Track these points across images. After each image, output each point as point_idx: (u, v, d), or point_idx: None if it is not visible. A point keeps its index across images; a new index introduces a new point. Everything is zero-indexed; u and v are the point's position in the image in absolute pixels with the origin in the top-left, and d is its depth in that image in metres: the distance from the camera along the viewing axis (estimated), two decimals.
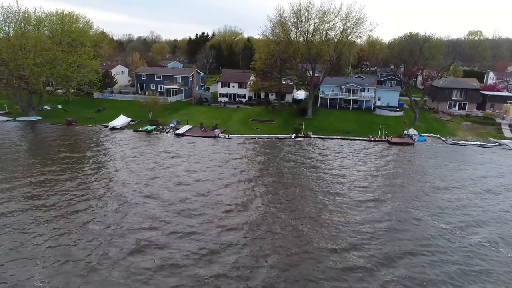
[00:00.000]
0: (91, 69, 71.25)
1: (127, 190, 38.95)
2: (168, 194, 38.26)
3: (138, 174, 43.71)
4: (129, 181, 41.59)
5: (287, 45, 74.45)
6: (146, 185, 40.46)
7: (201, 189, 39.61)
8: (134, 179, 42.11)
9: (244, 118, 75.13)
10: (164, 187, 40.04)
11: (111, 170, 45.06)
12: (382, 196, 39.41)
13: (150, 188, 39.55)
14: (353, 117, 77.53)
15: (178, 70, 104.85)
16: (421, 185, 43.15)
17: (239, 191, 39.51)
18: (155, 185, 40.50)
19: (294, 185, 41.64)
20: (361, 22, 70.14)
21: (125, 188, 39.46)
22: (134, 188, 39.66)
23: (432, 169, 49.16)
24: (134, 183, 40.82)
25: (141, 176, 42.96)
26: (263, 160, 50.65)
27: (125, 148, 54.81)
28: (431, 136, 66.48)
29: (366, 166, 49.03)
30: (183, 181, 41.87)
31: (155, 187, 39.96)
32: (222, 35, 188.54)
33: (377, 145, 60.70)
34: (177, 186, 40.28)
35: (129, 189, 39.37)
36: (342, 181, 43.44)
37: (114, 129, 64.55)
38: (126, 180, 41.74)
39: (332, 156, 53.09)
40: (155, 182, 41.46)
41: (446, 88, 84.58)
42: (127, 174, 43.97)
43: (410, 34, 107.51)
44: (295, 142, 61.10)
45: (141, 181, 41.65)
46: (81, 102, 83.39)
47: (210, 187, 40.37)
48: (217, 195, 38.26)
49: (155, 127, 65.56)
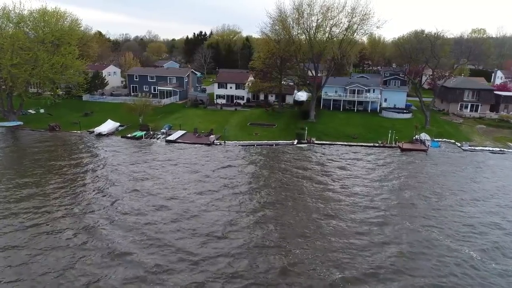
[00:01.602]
0: (76, 70, 65.83)
1: (102, 209, 33.83)
2: (140, 214, 33.18)
3: (114, 190, 38.57)
4: (103, 200, 36.37)
5: (288, 43, 69.23)
6: (121, 203, 35.34)
7: (176, 210, 34.01)
8: (112, 195, 37.02)
9: (242, 121, 69.95)
10: (141, 206, 34.83)
11: (87, 183, 39.92)
12: (399, 215, 34.25)
13: (124, 207, 34.43)
14: (358, 120, 72.34)
15: (173, 70, 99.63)
16: (444, 200, 37.92)
17: (221, 216, 33.36)
18: (132, 203, 35.28)
19: (297, 208, 35.63)
20: (368, 18, 64.93)
21: (100, 207, 34.34)
22: (110, 207, 34.54)
23: (452, 180, 43.91)
24: (109, 202, 35.66)
25: (119, 193, 37.81)
26: (260, 173, 44.96)
27: (109, 157, 49.57)
28: (444, 141, 61.22)
29: (378, 178, 43.62)
30: (162, 196, 36.73)
31: (133, 205, 34.77)
32: (220, 34, 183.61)
33: (387, 152, 55.43)
34: (150, 206, 34.88)
35: (103, 209, 34.24)
36: (354, 200, 38.11)
37: (101, 135, 59.30)
38: (101, 198, 36.57)
39: (339, 167, 47.40)
40: (134, 199, 36.30)
41: (457, 88, 79.35)
42: (104, 187, 38.90)
43: (417, 32, 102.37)
44: (298, 149, 55.80)
45: (119, 197, 36.53)
46: (68, 105, 78.15)
47: (190, 208, 34.62)
48: (190, 219, 32.47)
49: (145, 132, 60.35)
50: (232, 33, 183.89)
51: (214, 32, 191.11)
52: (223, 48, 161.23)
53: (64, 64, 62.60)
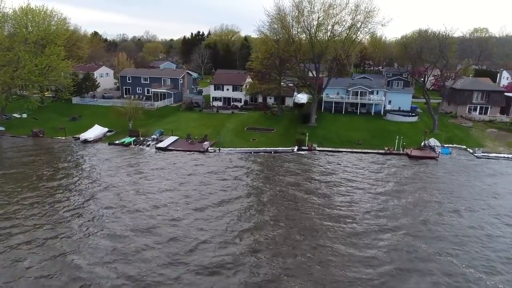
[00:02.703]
0: (61, 71, 61.71)
1: (72, 232, 29.88)
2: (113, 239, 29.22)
3: (89, 208, 34.63)
4: (75, 220, 32.30)
5: (287, 42, 65.22)
6: (96, 224, 31.33)
7: (161, 235, 29.83)
8: (85, 214, 33.16)
9: (239, 126, 65.94)
10: (120, 228, 30.83)
11: (59, 199, 35.92)
12: (411, 238, 30.28)
13: (100, 229, 30.47)
14: (362, 124, 68.35)
15: (167, 71, 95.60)
16: (463, 219, 33.81)
17: (209, 244, 29.16)
18: (109, 225, 31.23)
19: (299, 231, 31.43)
20: (372, 15, 60.92)
21: (70, 230, 30.36)
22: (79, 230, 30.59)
23: (469, 194, 39.62)
24: (81, 224, 31.67)
25: (94, 211, 33.86)
26: (255, 186, 40.47)
27: (90, 167, 45.46)
28: (455, 147, 57.23)
29: (387, 192, 39.43)
30: (144, 217, 32.75)
31: (110, 227, 30.77)
32: (218, 34, 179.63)
33: (394, 159, 51.42)
34: (128, 230, 30.65)
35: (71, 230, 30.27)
36: (362, 219, 34.14)
37: (87, 142, 55.27)
38: (72, 218, 32.51)
39: (344, 179, 43.08)
40: (111, 218, 32.37)
41: (466, 90, 75.38)
42: (78, 204, 34.96)
43: (421, 31, 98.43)
44: (298, 157, 51.76)
45: (95, 216, 32.58)
46: (56, 109, 74.11)
47: (176, 232, 30.46)
48: (174, 246, 28.37)
49: (135, 139, 56.30)
50: (231, 33, 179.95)
51: (212, 32, 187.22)
52: (221, 48, 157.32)
53: (48, 66, 58.46)
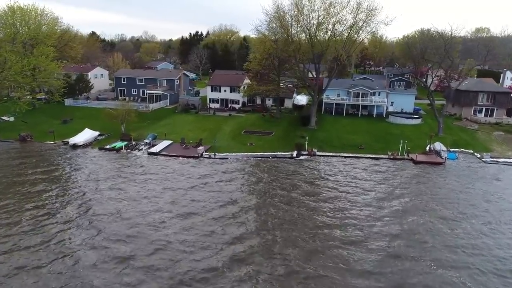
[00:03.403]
0: (50, 72, 59.21)
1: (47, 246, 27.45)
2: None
3: (65, 216, 32.20)
4: (49, 236, 29.89)
5: (286, 42, 62.77)
6: (72, 237, 28.88)
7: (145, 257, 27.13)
8: (61, 225, 30.68)
9: (236, 129, 63.47)
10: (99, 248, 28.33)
11: (37, 208, 33.50)
12: (422, 258, 27.83)
13: (78, 244, 28.04)
14: (364, 126, 65.88)
15: (163, 72, 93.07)
16: (480, 239, 30.98)
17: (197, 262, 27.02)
18: (88, 241, 28.73)
19: (300, 253, 29.04)
20: (374, 14, 58.49)
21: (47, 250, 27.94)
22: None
23: (482, 205, 36.78)
24: (59, 237, 29.24)
25: (73, 223, 31.44)
26: (250, 197, 37.65)
27: (76, 174, 42.97)
28: (462, 151, 54.72)
29: (393, 204, 36.71)
30: (125, 230, 30.37)
31: (88, 243, 28.33)
32: (217, 34, 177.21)
33: (399, 165, 48.90)
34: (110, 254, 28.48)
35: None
36: (367, 237, 31.68)
37: (76, 146, 52.80)
38: (49, 228, 30.15)
39: (347, 190, 40.18)
40: (88, 233, 29.93)
41: (471, 91, 72.89)
42: (55, 215, 32.52)
43: (423, 30, 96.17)
44: (297, 162, 49.24)
45: (71, 226, 30.14)
46: (47, 111, 71.56)
47: (163, 252, 27.95)
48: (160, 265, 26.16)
49: (126, 143, 53.84)
50: (229, 33, 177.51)
51: (211, 32, 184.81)
52: (220, 48, 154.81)
53: (36, 66, 55.99)
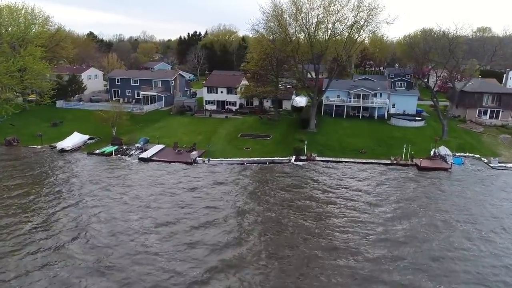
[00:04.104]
0: (38, 73, 56.82)
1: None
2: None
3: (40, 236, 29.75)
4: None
5: (284, 42, 60.38)
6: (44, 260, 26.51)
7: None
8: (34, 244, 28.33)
9: (232, 132, 61.06)
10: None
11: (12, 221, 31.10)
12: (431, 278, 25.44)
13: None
14: (365, 129, 63.50)
15: (159, 73, 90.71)
16: (496, 258, 28.46)
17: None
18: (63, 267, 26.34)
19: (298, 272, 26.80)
20: (376, 12, 56.04)
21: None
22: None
23: (492, 216, 34.36)
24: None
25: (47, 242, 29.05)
26: (244, 209, 35.06)
27: (57, 182, 40.35)
28: (468, 155, 52.29)
29: (398, 216, 34.21)
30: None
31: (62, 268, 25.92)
32: (215, 33, 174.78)
33: (403, 171, 46.44)
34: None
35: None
36: (371, 255, 29.34)
37: (64, 151, 50.41)
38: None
39: (348, 198, 37.84)
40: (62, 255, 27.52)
41: (475, 92, 70.51)
42: (31, 227, 30.12)
43: (425, 30, 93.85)
44: (295, 168, 46.79)
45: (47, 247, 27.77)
46: (38, 113, 69.11)
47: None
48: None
49: (117, 148, 51.46)
50: (228, 33, 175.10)
51: (210, 32, 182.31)
52: (218, 48, 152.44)
53: (23, 67, 53.63)
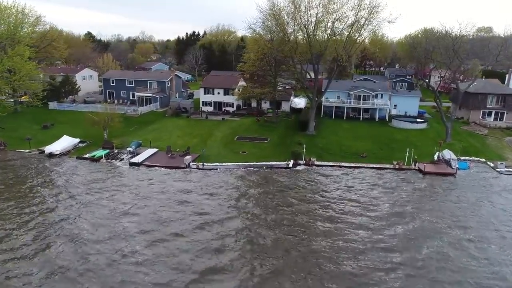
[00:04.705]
0: (26, 74, 54.79)
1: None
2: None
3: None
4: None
5: (282, 41, 58.40)
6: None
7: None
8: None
9: (228, 135, 59.09)
10: None
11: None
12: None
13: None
14: (366, 132, 61.59)
15: (154, 73, 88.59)
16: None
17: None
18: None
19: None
20: (377, 11, 53.99)
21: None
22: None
23: (505, 227, 32.31)
24: None
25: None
26: (237, 222, 32.96)
27: (39, 187, 38.30)
28: (473, 159, 50.25)
29: (402, 229, 32.06)
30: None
31: None
32: (214, 34, 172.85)
33: (406, 176, 44.42)
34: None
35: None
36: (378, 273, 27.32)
37: (52, 155, 48.38)
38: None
39: (349, 209, 35.70)
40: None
41: (480, 93, 68.50)
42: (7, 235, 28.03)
43: (428, 29, 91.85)
44: (293, 174, 44.69)
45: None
46: (29, 115, 67.03)
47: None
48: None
49: (108, 152, 49.43)
50: (227, 33, 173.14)
51: (208, 32, 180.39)
52: (217, 48, 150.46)
53: (12, 68, 51.61)
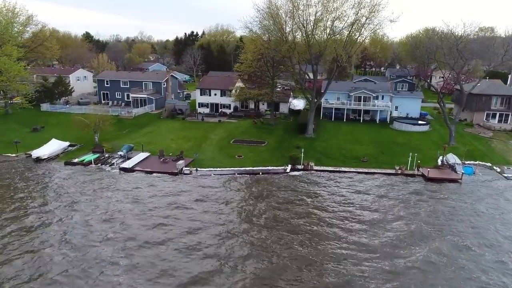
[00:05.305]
0: (14, 75, 52.83)
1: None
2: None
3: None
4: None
5: (280, 41, 56.45)
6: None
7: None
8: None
9: (224, 138, 57.11)
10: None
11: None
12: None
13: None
14: (366, 134, 59.70)
15: (149, 74, 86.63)
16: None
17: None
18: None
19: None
20: (378, 9, 51.99)
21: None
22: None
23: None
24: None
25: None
26: (225, 233, 31.12)
27: (18, 199, 35.94)
28: (478, 164, 48.23)
29: (406, 244, 30.15)
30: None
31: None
32: (213, 34, 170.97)
33: (408, 182, 42.39)
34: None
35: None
36: None
37: (39, 160, 46.37)
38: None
39: (350, 218, 33.81)
40: None
41: (484, 94, 66.48)
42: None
43: (429, 29, 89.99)
44: (291, 180, 42.59)
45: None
46: (20, 117, 65.13)
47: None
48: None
49: (98, 156, 47.43)
50: (226, 33, 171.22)
51: (207, 32, 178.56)
52: (215, 49, 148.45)
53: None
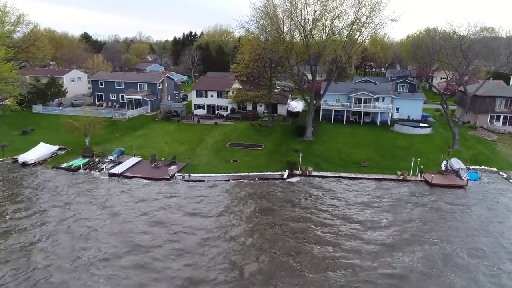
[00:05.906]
0: (3, 77, 51.01)
1: None
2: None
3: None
4: None
5: (277, 41, 54.59)
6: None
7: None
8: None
9: (220, 141, 55.23)
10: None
11: None
12: None
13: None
14: (367, 137, 57.84)
15: (145, 75, 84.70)
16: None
17: None
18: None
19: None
20: (379, 8, 50.10)
21: None
22: None
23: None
24: None
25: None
26: (222, 249, 29.43)
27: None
28: (483, 169, 46.35)
29: (410, 260, 28.54)
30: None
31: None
32: (211, 34, 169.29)
33: (411, 189, 40.37)
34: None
35: None
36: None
37: (26, 164, 44.47)
38: None
39: (349, 230, 31.83)
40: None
41: (488, 96, 64.66)
42: None
43: (432, 29, 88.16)
44: (288, 187, 40.66)
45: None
46: (10, 120, 63.05)
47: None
48: None
49: (88, 160, 45.55)
50: (224, 33, 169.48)
51: (206, 32, 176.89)
52: (214, 49, 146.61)
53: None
